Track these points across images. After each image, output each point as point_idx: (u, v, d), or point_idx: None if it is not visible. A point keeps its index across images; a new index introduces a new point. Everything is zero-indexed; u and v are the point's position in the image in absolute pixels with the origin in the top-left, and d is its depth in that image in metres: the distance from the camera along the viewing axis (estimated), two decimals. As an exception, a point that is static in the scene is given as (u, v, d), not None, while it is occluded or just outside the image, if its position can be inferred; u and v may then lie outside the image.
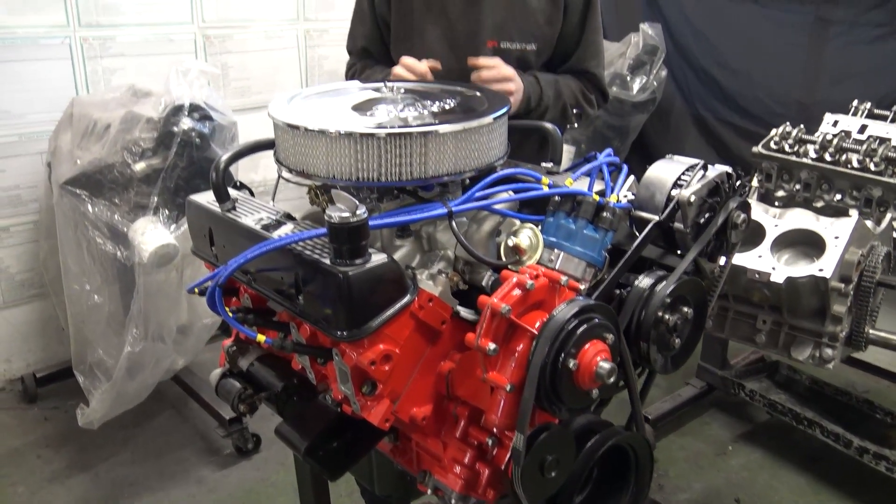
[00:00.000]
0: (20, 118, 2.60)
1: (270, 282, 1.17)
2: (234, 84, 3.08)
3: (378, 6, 1.92)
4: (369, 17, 1.95)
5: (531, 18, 1.86)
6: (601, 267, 1.19)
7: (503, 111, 1.25)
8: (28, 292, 2.83)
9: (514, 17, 1.85)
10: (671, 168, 1.26)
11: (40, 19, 2.55)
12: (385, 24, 1.94)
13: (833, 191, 2.17)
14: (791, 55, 3.15)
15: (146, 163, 2.23)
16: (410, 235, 1.22)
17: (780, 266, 1.79)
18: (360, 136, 1.12)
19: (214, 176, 1.25)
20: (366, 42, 1.98)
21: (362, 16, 1.97)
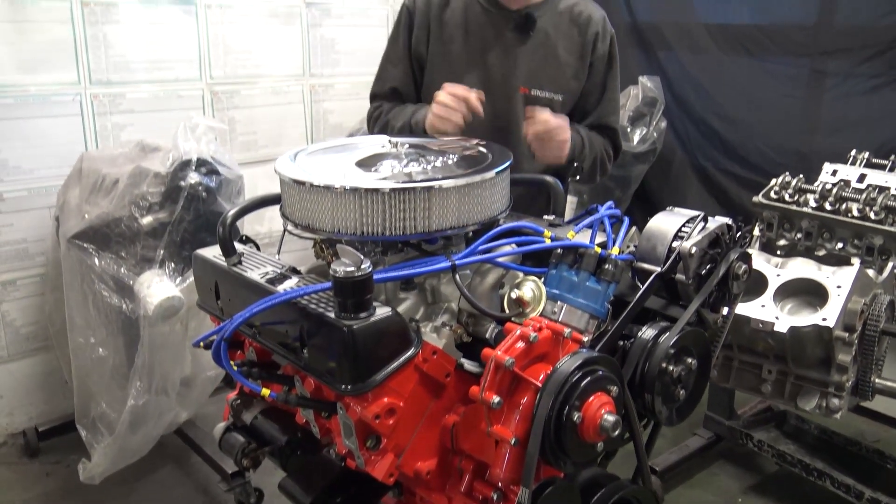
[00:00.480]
0: (30, 173, 2.65)
1: (275, 335, 1.18)
2: (240, 138, 3.13)
3: (415, 47, 1.99)
4: (404, 59, 2.01)
5: (561, 71, 1.96)
6: (604, 318, 1.20)
7: (505, 166, 1.27)
8: (32, 345, 2.83)
9: (545, 68, 1.95)
10: (672, 220, 1.27)
11: (53, 77, 2.62)
12: (420, 66, 2.01)
13: (835, 240, 2.18)
14: (789, 106, 3.20)
15: (153, 216, 2.26)
16: (415, 288, 1.23)
17: (784, 315, 1.79)
18: (365, 191, 1.14)
19: (221, 231, 1.27)
20: (397, 83, 2.03)
21: (396, 58, 2.03)
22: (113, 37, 2.71)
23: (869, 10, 2.91)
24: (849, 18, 2.99)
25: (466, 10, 1.96)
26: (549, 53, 1.96)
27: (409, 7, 2.01)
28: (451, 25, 1.96)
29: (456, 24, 1.96)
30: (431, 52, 1.98)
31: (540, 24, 1.94)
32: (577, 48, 1.96)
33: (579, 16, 1.97)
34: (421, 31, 1.98)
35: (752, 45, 3.25)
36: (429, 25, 1.98)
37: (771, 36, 3.20)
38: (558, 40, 1.95)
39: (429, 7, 1.98)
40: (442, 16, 1.97)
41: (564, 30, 1.96)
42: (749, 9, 3.30)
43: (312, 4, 3.20)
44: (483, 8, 1.95)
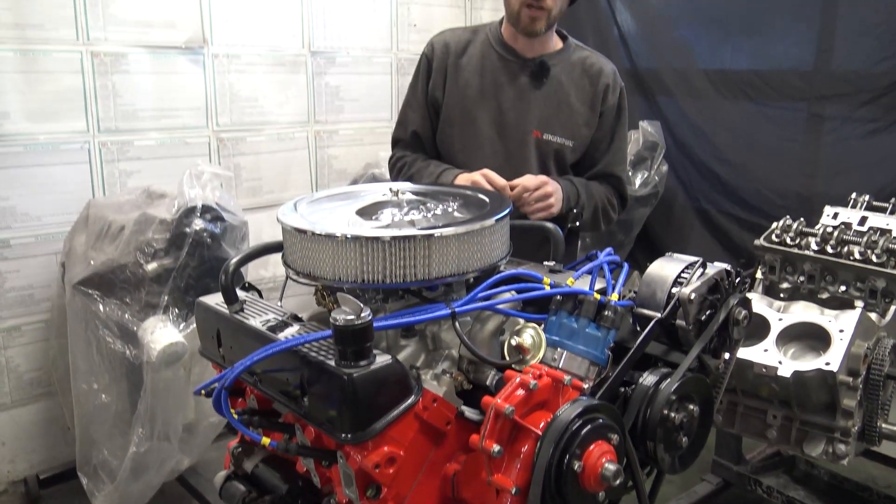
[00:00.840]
0: (37, 220, 2.68)
1: (276, 383, 1.18)
2: (245, 184, 3.17)
3: (431, 92, 2.08)
4: (422, 105, 2.10)
5: (572, 118, 2.03)
6: (605, 365, 1.20)
7: (505, 213, 1.29)
8: (36, 391, 2.83)
9: (558, 114, 2.03)
10: (671, 266, 1.28)
11: (62, 126, 2.66)
12: (436, 111, 2.09)
13: (837, 283, 2.18)
14: (788, 149, 3.23)
15: (158, 263, 2.28)
16: (415, 335, 1.23)
17: (787, 360, 1.78)
18: (366, 239, 1.15)
19: (223, 279, 1.28)
20: (416, 127, 2.12)
21: (415, 104, 2.13)
22: (122, 86, 2.76)
23: (864, 56, 2.95)
24: (845, 64, 3.04)
25: (483, 56, 2.04)
26: (561, 101, 2.03)
27: (427, 55, 2.11)
28: (467, 70, 2.04)
29: (472, 69, 2.04)
30: (447, 95, 2.06)
31: (553, 72, 2.02)
32: (588, 98, 2.03)
33: (591, 67, 2.04)
34: (438, 76, 2.07)
35: (751, 90, 3.29)
36: (445, 70, 2.07)
37: (769, 81, 3.24)
38: (570, 89, 2.02)
39: (446, 54, 2.07)
40: (459, 62, 2.06)
41: (576, 79, 2.03)
42: (747, 55, 3.36)
43: (318, 53, 3.27)
44: (499, 55, 2.04)
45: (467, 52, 2.07)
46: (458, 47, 2.08)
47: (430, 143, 2.13)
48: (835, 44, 3.07)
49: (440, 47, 2.09)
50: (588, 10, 3.79)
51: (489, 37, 2.09)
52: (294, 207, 1.33)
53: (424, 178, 2.00)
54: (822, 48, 3.12)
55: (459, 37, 2.11)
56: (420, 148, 2.14)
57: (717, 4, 3.41)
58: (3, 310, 2.69)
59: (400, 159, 2.14)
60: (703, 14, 3.46)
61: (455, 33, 2.14)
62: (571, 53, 2.07)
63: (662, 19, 3.57)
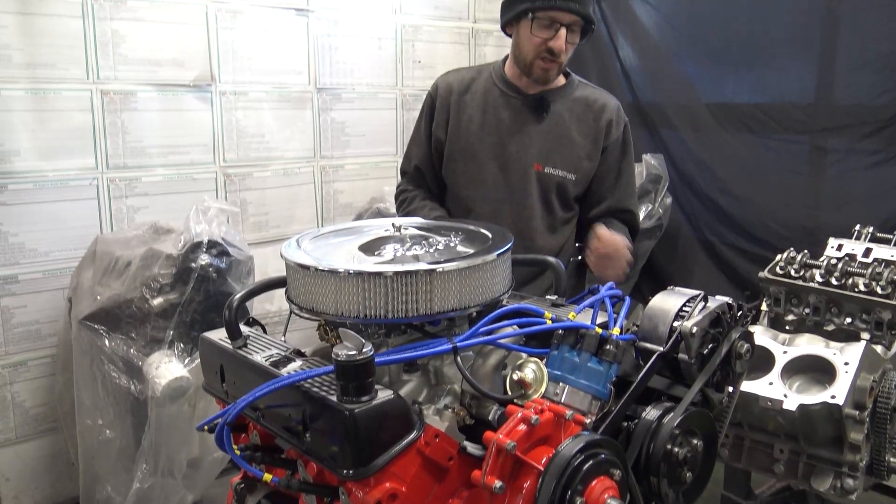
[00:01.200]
0: (45, 256, 2.70)
1: (279, 419, 1.18)
2: (252, 219, 3.19)
3: (435, 130, 2.14)
4: (426, 141, 2.18)
5: (574, 151, 2.06)
6: (607, 399, 1.20)
7: (506, 248, 1.30)
8: (41, 426, 2.82)
9: (559, 148, 2.06)
10: (673, 299, 1.28)
11: (71, 163, 2.70)
12: (438, 147, 2.15)
13: (843, 315, 2.17)
14: (792, 181, 3.24)
15: (164, 298, 2.29)
16: (418, 370, 1.24)
17: (792, 393, 1.77)
18: (368, 275, 1.16)
19: (227, 314, 1.29)
20: (419, 162, 2.20)
21: (419, 140, 2.20)
22: (130, 123, 2.81)
23: (865, 88, 2.97)
24: (846, 97, 3.06)
25: (486, 93, 2.09)
26: (562, 134, 2.05)
27: (432, 95, 2.18)
28: (470, 107, 2.10)
29: (475, 105, 2.09)
30: (451, 132, 2.12)
31: (555, 107, 2.05)
32: (590, 132, 2.06)
33: (594, 103, 2.08)
34: (441, 114, 2.14)
35: (753, 123, 3.31)
36: (448, 109, 2.13)
37: (771, 114, 3.26)
38: (572, 123, 2.05)
39: (449, 92, 2.14)
40: (462, 99, 2.13)
41: (579, 114, 2.06)
42: (748, 88, 3.38)
43: (324, 89, 3.31)
44: (501, 91, 2.08)
45: (471, 89, 2.13)
46: (462, 86, 2.14)
47: (432, 177, 2.21)
48: (836, 77, 3.09)
49: (444, 87, 2.15)
50: (591, 45, 3.83)
51: (493, 75, 2.14)
52: (297, 243, 1.34)
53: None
54: (824, 81, 3.14)
55: (463, 76, 2.17)
56: (422, 181, 2.23)
57: (717, 39, 3.44)
58: (10, 345, 2.70)
59: (403, 192, 2.24)
60: (704, 49, 3.50)
61: (459, 73, 2.20)
62: (574, 90, 2.11)
63: (664, 54, 3.61)
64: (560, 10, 1.90)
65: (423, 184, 2.23)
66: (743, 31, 3.33)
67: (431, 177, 2.20)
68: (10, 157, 2.58)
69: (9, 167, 2.58)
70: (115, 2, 2.71)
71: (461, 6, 3.70)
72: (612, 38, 3.75)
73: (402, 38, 3.53)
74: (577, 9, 1.91)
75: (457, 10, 3.68)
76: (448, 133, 2.12)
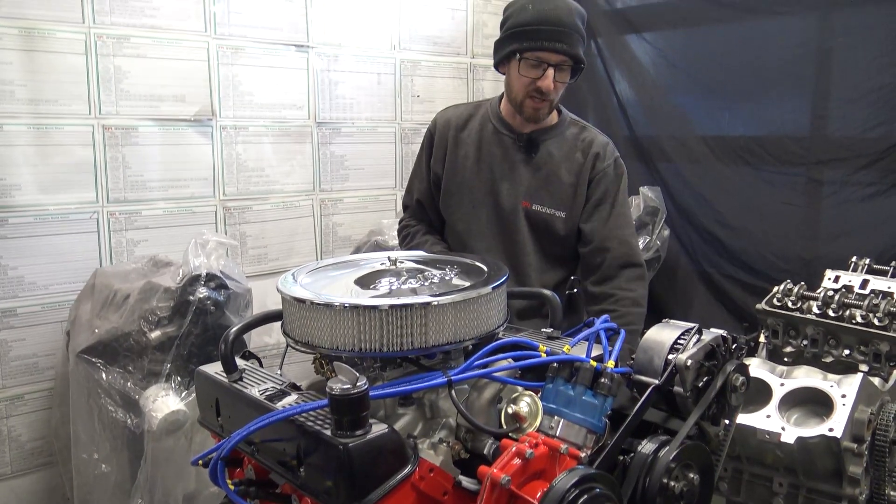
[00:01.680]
0: (44, 289, 2.70)
1: (273, 453, 1.18)
2: (251, 252, 3.20)
3: (434, 165, 2.19)
4: (425, 176, 2.23)
5: (561, 189, 2.08)
6: (602, 433, 1.20)
7: (501, 281, 1.30)
8: (37, 461, 2.80)
9: (546, 185, 2.08)
10: (667, 332, 1.29)
11: (72, 197, 2.72)
12: (437, 182, 2.19)
13: (841, 346, 2.17)
14: (788, 213, 3.25)
15: (161, 331, 2.29)
16: (413, 403, 1.24)
17: (790, 426, 1.77)
18: (363, 308, 1.17)
19: (223, 348, 1.30)
20: (420, 196, 2.25)
21: (420, 175, 2.26)
22: (131, 157, 2.83)
23: (859, 122, 3.00)
24: (841, 129, 3.09)
25: (481, 129, 2.13)
26: (550, 173, 2.07)
27: (431, 131, 2.23)
28: (466, 143, 2.13)
29: (471, 141, 2.12)
30: (447, 167, 2.16)
31: (545, 146, 2.08)
32: (577, 168, 2.08)
33: (583, 140, 2.11)
34: (439, 150, 2.18)
35: (749, 156, 3.34)
36: (446, 144, 2.17)
37: (766, 146, 3.29)
38: (562, 162, 2.07)
39: (448, 128, 2.18)
40: (459, 135, 2.17)
41: (568, 152, 2.09)
42: (743, 121, 3.42)
43: (323, 123, 3.35)
44: (495, 128, 2.11)
45: (468, 126, 2.16)
46: (460, 121, 2.18)
47: (433, 211, 2.25)
48: (830, 110, 3.13)
49: (442, 123, 2.20)
50: (588, 80, 3.89)
51: (489, 111, 2.18)
52: (294, 277, 1.35)
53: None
54: (818, 114, 3.18)
55: (462, 112, 2.21)
56: (424, 215, 2.27)
57: (711, 74, 3.49)
58: (7, 378, 2.70)
59: (406, 227, 2.29)
60: (700, 83, 3.54)
61: (458, 109, 2.24)
62: (566, 128, 2.13)
63: (660, 88, 3.66)
64: (547, 50, 1.93)
65: (424, 218, 2.27)
66: (737, 65, 3.38)
67: (433, 211, 2.24)
68: (12, 191, 2.60)
69: (10, 201, 2.60)
70: (118, 39, 2.75)
71: (459, 42, 3.75)
72: (609, 73, 3.80)
73: (402, 73, 3.58)
74: (565, 49, 1.93)
75: (455, 46, 3.73)
76: (445, 168, 2.16)
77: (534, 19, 1.93)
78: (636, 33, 3.67)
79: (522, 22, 1.95)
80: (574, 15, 1.96)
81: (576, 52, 1.96)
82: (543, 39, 1.92)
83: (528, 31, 1.93)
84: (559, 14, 1.93)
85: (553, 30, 1.91)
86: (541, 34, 1.92)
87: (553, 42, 1.91)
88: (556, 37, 1.91)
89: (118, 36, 2.75)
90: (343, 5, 3.34)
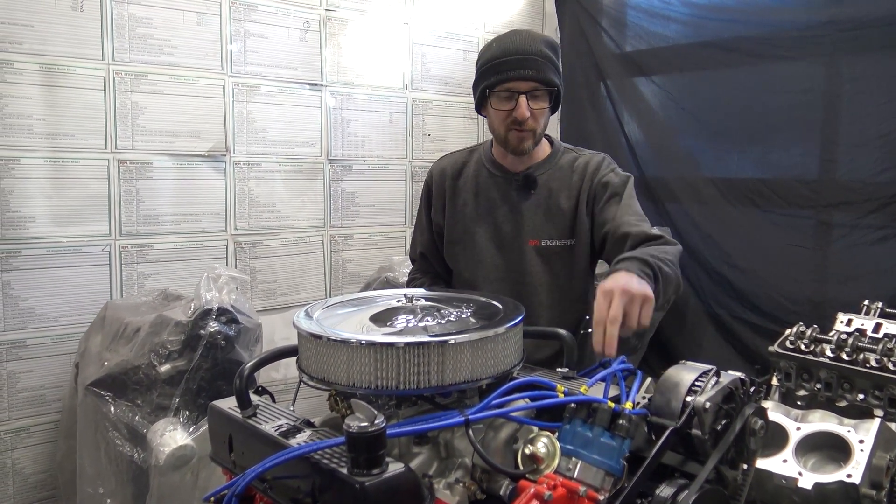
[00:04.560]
0: (54, 321, 2.71)
1: (287, 490, 1.17)
2: (260, 286, 3.21)
3: (434, 216, 2.20)
4: (427, 228, 2.24)
5: (564, 219, 2.04)
6: (620, 475, 1.18)
7: (518, 320, 1.30)
8: (40, 494, 2.78)
9: (549, 219, 2.05)
10: (685, 374, 1.28)
11: (85, 230, 2.74)
12: (439, 232, 2.20)
13: (855, 390, 2.15)
14: (797, 255, 3.25)
15: (171, 365, 2.29)
16: (428, 443, 1.23)
17: (807, 471, 1.74)
18: (380, 345, 1.17)
19: (238, 383, 1.29)
20: (423, 248, 2.26)
21: (421, 227, 2.27)
22: (145, 192, 2.86)
23: (868, 166, 3.02)
24: (849, 173, 3.10)
25: (477, 175, 2.13)
26: (551, 206, 2.05)
27: (428, 183, 2.24)
28: (463, 191, 2.13)
29: (468, 188, 2.12)
30: (447, 216, 2.16)
31: (542, 180, 2.06)
32: (575, 191, 2.04)
33: (579, 165, 2.07)
34: (437, 200, 2.18)
35: (758, 198, 3.35)
36: (444, 194, 2.17)
37: (775, 189, 3.31)
38: (560, 192, 2.05)
39: (443, 178, 2.18)
40: (456, 184, 2.16)
41: (565, 180, 2.06)
42: (752, 164, 3.44)
43: (335, 161, 3.38)
44: (490, 172, 2.11)
45: (463, 173, 2.16)
46: (455, 170, 2.18)
47: (438, 262, 2.26)
48: (838, 154, 3.14)
49: (438, 173, 2.20)
50: (597, 121, 3.93)
51: (482, 156, 2.17)
52: (309, 313, 1.35)
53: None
54: (826, 158, 3.19)
55: (456, 160, 2.21)
56: (429, 267, 2.28)
57: (719, 118, 3.52)
58: (14, 410, 2.69)
59: (413, 280, 2.31)
60: (707, 126, 3.57)
61: (452, 157, 2.23)
62: (559, 158, 2.11)
63: (669, 130, 3.69)
64: (514, 80, 1.92)
65: (430, 269, 2.27)
66: (745, 109, 3.41)
67: (437, 261, 2.24)
68: (26, 223, 2.62)
69: (24, 233, 2.62)
70: (136, 76, 2.80)
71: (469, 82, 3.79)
72: (618, 114, 3.84)
73: (413, 112, 3.62)
74: (531, 75, 1.92)
75: (466, 86, 3.78)
76: (446, 218, 2.16)
77: (497, 54, 1.95)
78: (645, 76, 3.72)
79: (488, 59, 1.97)
80: (539, 42, 1.96)
81: (544, 76, 1.93)
82: (508, 70, 1.92)
83: (494, 65, 1.94)
84: (520, 44, 1.94)
85: (516, 59, 1.92)
86: (505, 65, 1.93)
87: (518, 70, 1.92)
88: (521, 65, 1.92)
89: (136, 73, 2.80)
90: (357, 45, 3.40)
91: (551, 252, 2.05)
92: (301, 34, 3.23)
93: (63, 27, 2.64)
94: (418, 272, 2.30)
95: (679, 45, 3.65)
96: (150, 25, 2.82)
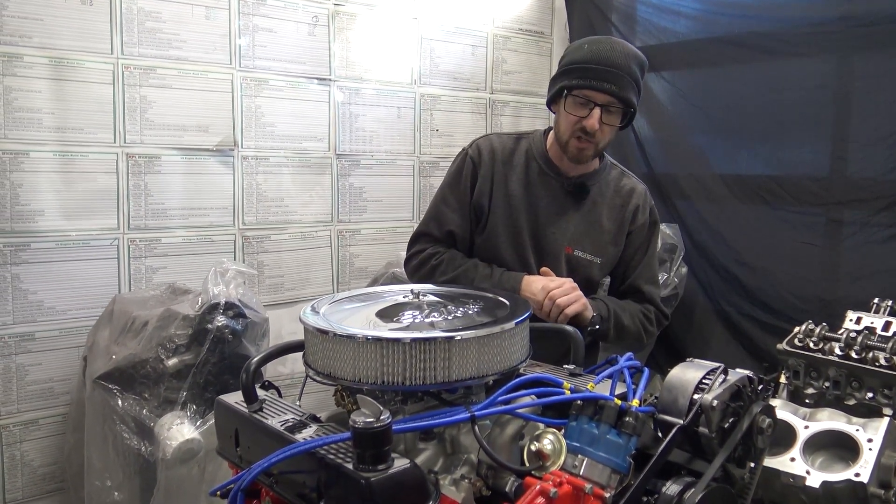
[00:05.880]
0: (63, 314, 2.72)
1: (293, 485, 1.17)
2: (267, 281, 3.22)
3: (477, 198, 2.08)
4: (464, 206, 2.10)
5: (602, 236, 2.08)
6: (626, 473, 1.18)
7: (525, 316, 1.30)
8: (48, 486, 2.79)
9: (589, 232, 2.07)
10: (692, 371, 1.27)
11: (93, 224, 2.75)
12: (477, 216, 2.10)
13: (864, 389, 2.13)
14: (808, 253, 3.23)
15: (178, 358, 2.29)
16: (434, 438, 1.23)
17: (815, 470, 1.73)
18: (386, 341, 1.17)
19: (244, 378, 1.29)
20: (455, 228, 2.10)
21: (455, 204, 2.11)
22: (153, 186, 2.87)
23: (878, 164, 3.00)
24: (860, 171, 3.08)
25: (527, 167, 2.09)
26: (594, 219, 2.07)
27: (473, 158, 2.10)
28: (514, 181, 2.08)
29: (517, 180, 2.08)
30: (494, 204, 2.08)
31: (590, 192, 2.06)
32: (618, 217, 2.07)
33: (624, 187, 2.10)
34: (484, 184, 2.08)
35: (768, 195, 3.33)
36: (492, 179, 2.08)
37: (785, 186, 3.29)
38: (603, 209, 2.07)
39: (493, 160, 2.09)
40: (506, 170, 2.09)
41: (609, 199, 2.08)
42: (762, 161, 3.41)
43: (343, 156, 3.38)
44: (542, 169, 2.08)
45: (513, 161, 2.10)
46: (504, 155, 2.10)
47: (465, 245, 2.13)
48: (849, 152, 3.12)
49: (487, 153, 2.10)
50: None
51: (532, 148, 2.12)
52: (316, 308, 1.35)
53: (478, 280, 1.99)
54: (837, 156, 3.17)
55: (504, 144, 2.13)
56: (454, 246, 2.13)
57: (729, 114, 3.50)
58: (23, 402, 2.70)
59: (433, 255, 2.09)
60: (717, 123, 3.55)
61: (501, 140, 2.15)
62: (607, 173, 2.12)
63: (678, 127, 3.67)
64: (594, 89, 1.90)
65: (454, 248, 2.15)
66: (756, 106, 3.39)
67: (466, 245, 2.14)
68: (35, 216, 2.63)
69: (33, 226, 2.63)
70: (145, 70, 2.80)
71: (479, 78, 3.79)
72: (627, 110, 3.82)
73: (422, 107, 3.62)
74: (612, 90, 1.89)
75: (475, 82, 3.77)
76: (492, 204, 2.09)
77: (586, 58, 1.91)
78: (655, 72, 3.70)
79: (575, 60, 1.93)
80: (630, 59, 1.92)
81: (625, 94, 1.91)
82: (592, 78, 1.89)
83: (579, 68, 1.91)
84: (613, 55, 1.90)
85: (604, 69, 1.88)
86: (590, 73, 1.90)
87: (601, 81, 1.88)
88: (606, 77, 1.88)
89: (145, 67, 2.80)
90: (365, 40, 3.39)
91: (579, 263, 2.06)
92: (310, 29, 3.23)
93: (72, 21, 2.64)
94: (439, 245, 2.11)
95: (689, 41, 3.63)
96: (158, 19, 2.82)
